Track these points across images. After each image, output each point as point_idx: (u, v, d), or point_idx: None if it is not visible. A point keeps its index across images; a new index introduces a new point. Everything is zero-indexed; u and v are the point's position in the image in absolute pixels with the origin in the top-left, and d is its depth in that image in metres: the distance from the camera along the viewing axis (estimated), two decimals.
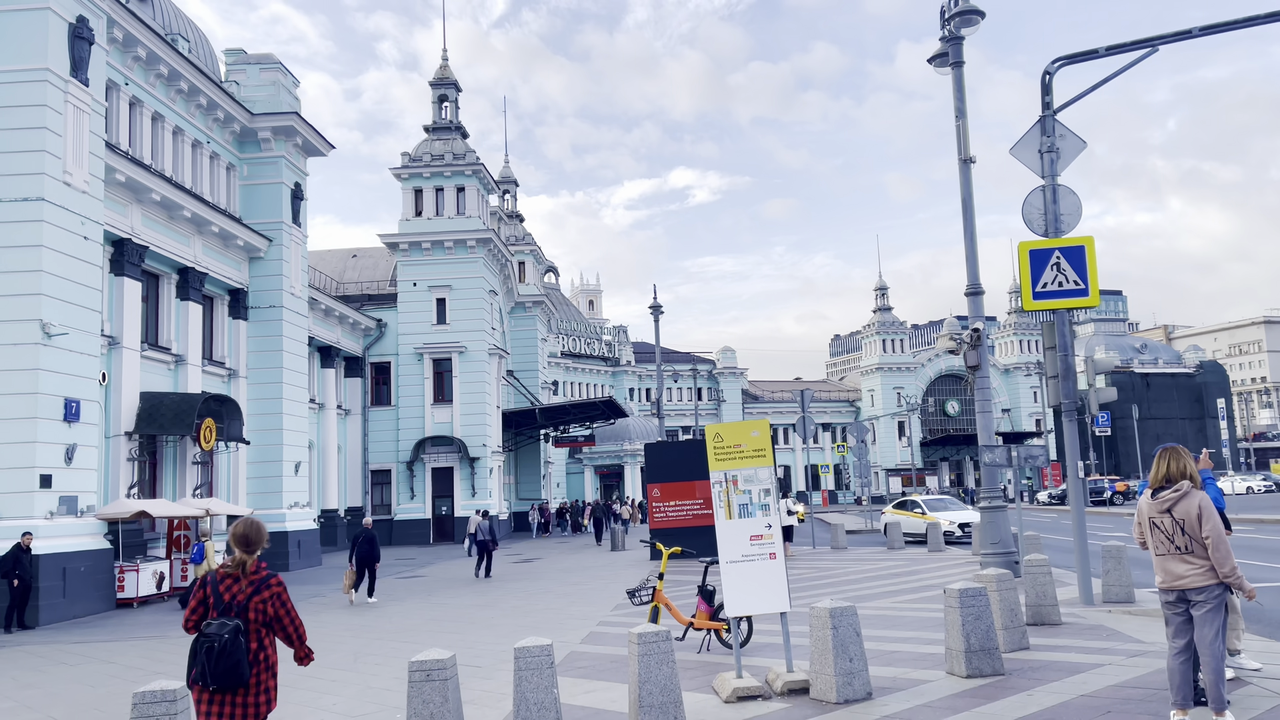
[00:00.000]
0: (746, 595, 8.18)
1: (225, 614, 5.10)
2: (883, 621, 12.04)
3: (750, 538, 8.24)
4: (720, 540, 8.29)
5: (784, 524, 26.24)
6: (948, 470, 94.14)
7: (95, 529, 20.59)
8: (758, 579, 8.17)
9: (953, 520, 26.99)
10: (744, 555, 8.21)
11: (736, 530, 8.27)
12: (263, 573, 5.25)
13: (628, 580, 20.81)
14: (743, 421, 8.46)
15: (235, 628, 5.00)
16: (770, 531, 8.24)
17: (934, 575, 18.18)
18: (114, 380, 23.70)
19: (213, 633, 4.98)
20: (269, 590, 5.17)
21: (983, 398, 16.76)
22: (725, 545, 8.26)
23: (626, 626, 13.09)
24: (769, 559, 8.19)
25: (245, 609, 5.11)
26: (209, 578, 5.26)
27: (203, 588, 5.21)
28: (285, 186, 31.49)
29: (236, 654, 4.95)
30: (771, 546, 8.22)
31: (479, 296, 45.29)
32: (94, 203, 21.08)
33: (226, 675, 4.93)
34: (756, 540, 8.24)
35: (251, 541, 5.29)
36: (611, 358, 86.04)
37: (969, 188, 17.08)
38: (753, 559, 8.20)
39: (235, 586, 5.16)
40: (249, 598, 5.13)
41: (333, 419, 40.83)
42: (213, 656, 4.93)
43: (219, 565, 5.35)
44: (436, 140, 46.86)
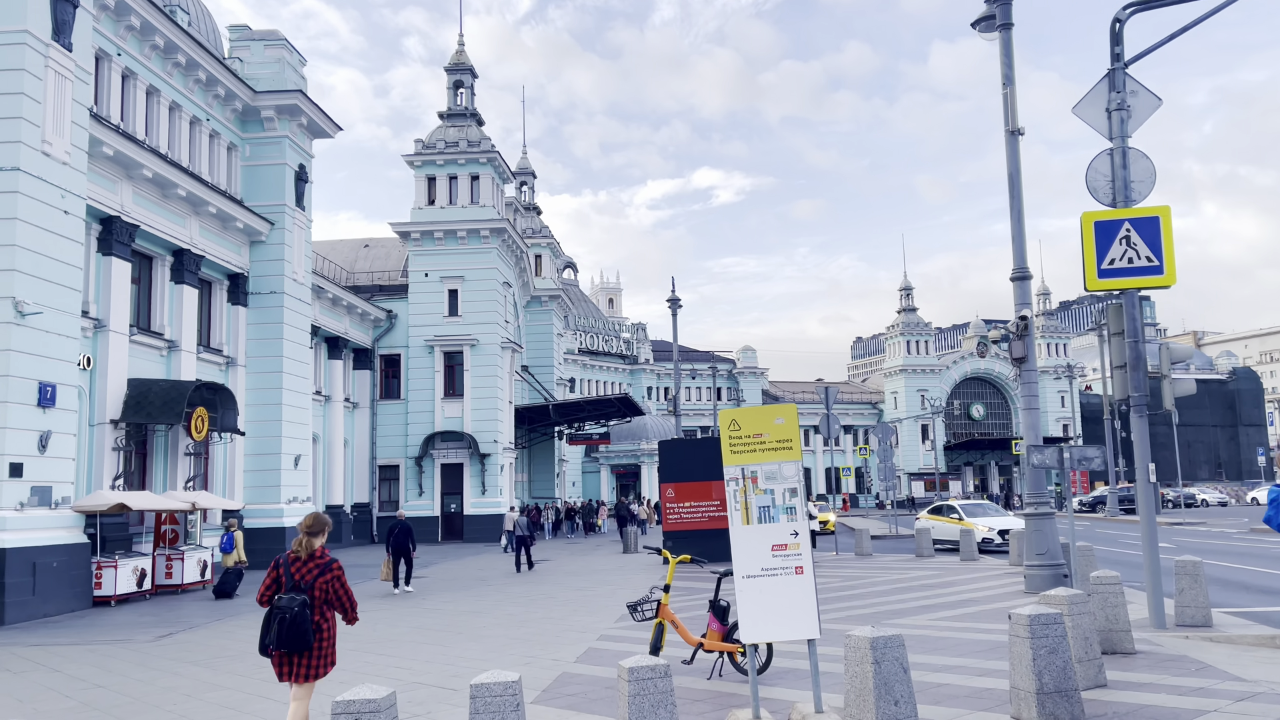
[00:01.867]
0: (766, 618, 6.70)
1: (293, 590, 6.14)
2: (922, 644, 10.51)
3: (772, 547, 6.76)
4: (736, 550, 6.81)
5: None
6: (972, 475, 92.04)
7: (71, 522, 19.33)
8: (781, 598, 6.68)
9: (991, 526, 25.34)
10: (764, 569, 6.73)
11: (755, 538, 6.78)
12: (326, 557, 6.35)
13: (638, 586, 19.35)
14: (765, 406, 6.96)
15: (303, 602, 6.09)
16: (796, 540, 6.75)
17: (972, 587, 16.59)
18: (99, 365, 22.47)
19: (284, 605, 6.07)
20: (331, 573, 6.31)
21: (1028, 393, 15.18)
22: (742, 556, 6.77)
23: (630, 642, 11.63)
24: (795, 574, 6.70)
25: (311, 587, 6.18)
26: (281, 559, 6.31)
27: (276, 568, 6.31)
28: (288, 168, 30.24)
29: (303, 624, 6.05)
30: (798, 558, 6.73)
31: (492, 288, 43.95)
32: (76, 175, 19.83)
33: (295, 641, 6.04)
34: (779, 551, 6.75)
35: (315, 530, 6.40)
36: (630, 356, 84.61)
37: (1016, 161, 15.52)
38: (774, 573, 6.72)
39: (303, 568, 6.25)
40: (315, 578, 6.22)
41: (339, 412, 39.60)
42: (284, 625, 6.03)
43: (289, 549, 6.37)
44: (451, 127, 45.57)
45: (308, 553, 6.34)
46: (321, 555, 6.36)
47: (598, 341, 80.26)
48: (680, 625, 9.19)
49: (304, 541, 6.36)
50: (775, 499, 6.77)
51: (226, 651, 12.77)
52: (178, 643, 14.03)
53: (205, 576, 22.83)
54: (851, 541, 32.93)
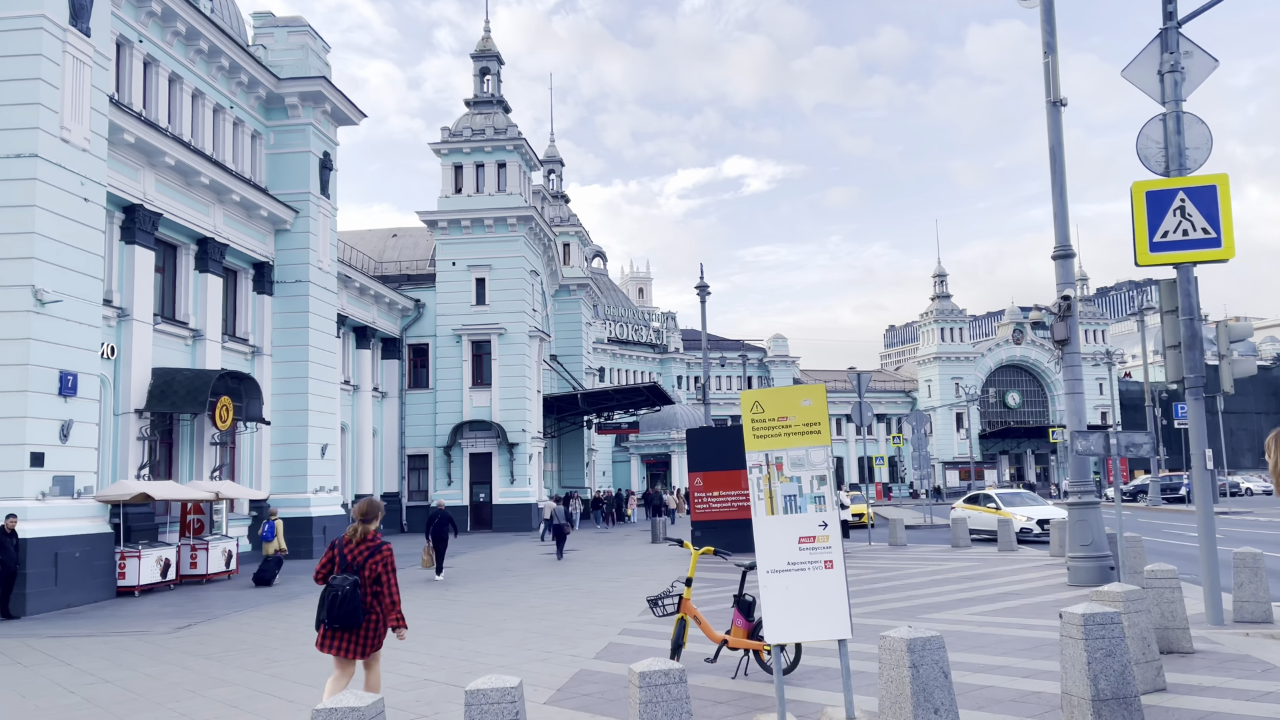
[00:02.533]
0: (793, 616, 6.18)
1: (346, 571, 6.52)
2: (961, 641, 9.93)
3: (799, 540, 6.23)
4: (759, 542, 6.29)
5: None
6: (1007, 464, 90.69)
7: (94, 511, 19.19)
8: (808, 595, 6.16)
9: (1030, 516, 24.55)
10: (790, 563, 6.21)
11: (780, 529, 6.26)
12: (377, 540, 6.70)
13: (664, 578, 18.88)
14: (791, 387, 6.43)
15: (354, 582, 6.45)
16: (825, 532, 6.22)
17: (1012, 579, 15.94)
18: (123, 354, 22.34)
19: (336, 584, 6.44)
20: (380, 555, 6.62)
21: (1071, 376, 14.49)
22: (766, 549, 6.26)
23: (652, 637, 11.16)
24: (824, 569, 6.18)
25: (362, 568, 6.54)
26: (337, 541, 6.71)
27: (332, 549, 6.70)
28: (313, 155, 29.99)
29: (354, 602, 6.38)
30: (827, 552, 6.21)
31: (520, 276, 43.60)
32: (95, 162, 19.63)
33: (346, 618, 6.39)
34: (807, 544, 6.22)
35: (369, 515, 6.78)
36: (659, 344, 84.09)
37: (1058, 134, 14.80)
38: (802, 568, 6.19)
39: (355, 550, 6.62)
40: (365, 559, 6.57)
41: (368, 401, 39.48)
42: (336, 603, 6.37)
43: (344, 533, 6.73)
44: (477, 114, 45.22)
45: (360, 536, 6.75)
46: (373, 538, 6.77)
47: (627, 330, 79.80)
48: (703, 621, 8.68)
49: (357, 526, 6.79)
50: (802, 487, 6.25)
51: (241, 644, 12.46)
52: (194, 634, 13.77)
53: (230, 566, 22.67)
54: (885, 531, 32.26)
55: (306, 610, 15.98)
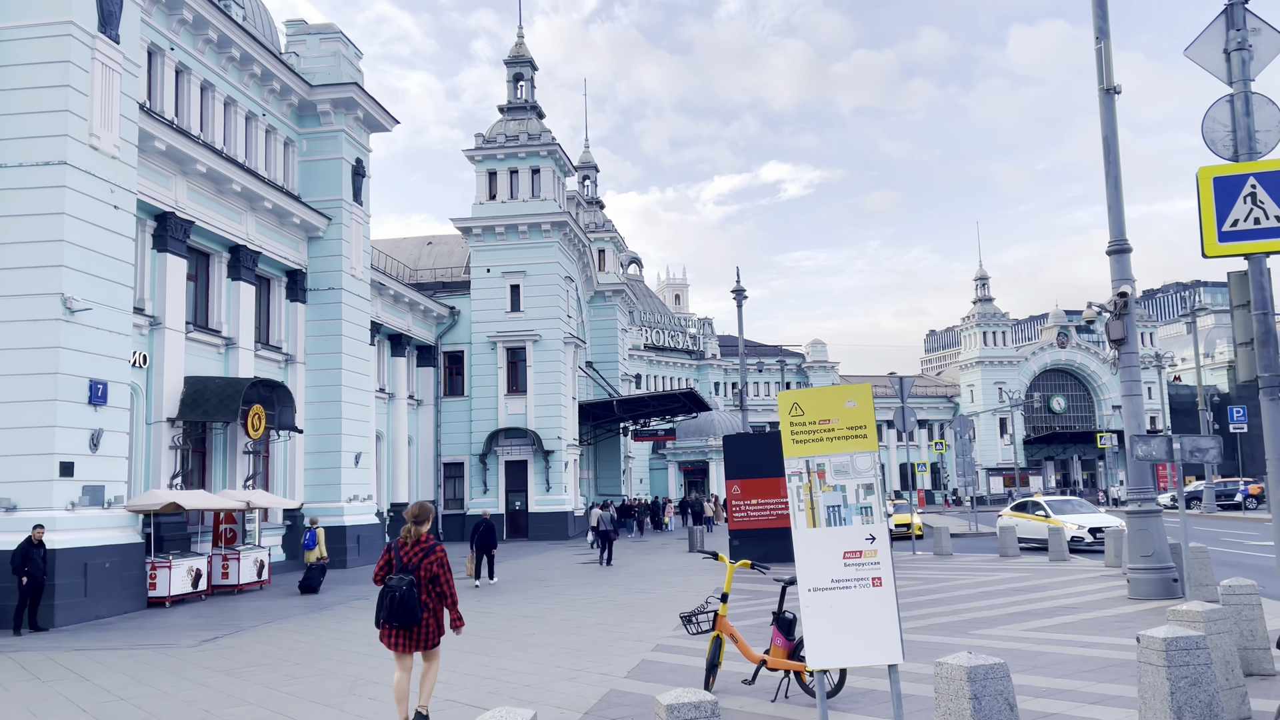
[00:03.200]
0: (837, 638, 5.62)
1: (402, 571, 6.89)
2: (1018, 661, 9.27)
3: (844, 555, 5.67)
4: (800, 558, 5.74)
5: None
6: (1053, 470, 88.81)
7: (124, 521, 19.03)
8: (854, 615, 5.59)
9: (1082, 524, 23.62)
10: (834, 580, 5.65)
11: (823, 544, 5.70)
12: (430, 542, 7.09)
13: (700, 589, 18.31)
14: (833, 387, 5.88)
15: (410, 581, 6.83)
16: (873, 546, 5.66)
17: (1067, 592, 15.17)
18: (155, 363, 22.25)
19: (394, 584, 6.85)
20: (434, 556, 7.04)
21: (1129, 377, 13.73)
22: (807, 565, 5.70)
23: (687, 653, 10.61)
24: (871, 586, 5.61)
25: (417, 569, 6.92)
26: (392, 544, 7.10)
27: (388, 552, 7.11)
28: (345, 162, 29.87)
29: (411, 601, 6.78)
30: (875, 568, 5.64)
31: (554, 282, 43.27)
32: (125, 169, 19.52)
33: (404, 616, 6.80)
34: (853, 559, 5.66)
35: (421, 518, 7.13)
36: (696, 351, 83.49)
37: (1112, 123, 14.07)
38: (847, 586, 5.63)
39: (410, 551, 7.00)
40: (420, 560, 6.96)
41: (403, 409, 39.30)
42: (394, 602, 6.79)
43: (399, 535, 7.09)
44: (511, 120, 45.02)
45: (414, 538, 7.15)
46: (426, 540, 7.19)
47: (663, 337, 79.31)
48: (740, 640, 8.13)
49: (411, 529, 7.16)
50: (847, 497, 5.69)
51: (264, 659, 12.10)
52: (219, 648, 13.45)
53: (262, 576, 22.46)
54: (929, 540, 31.38)
55: (334, 622, 15.64)
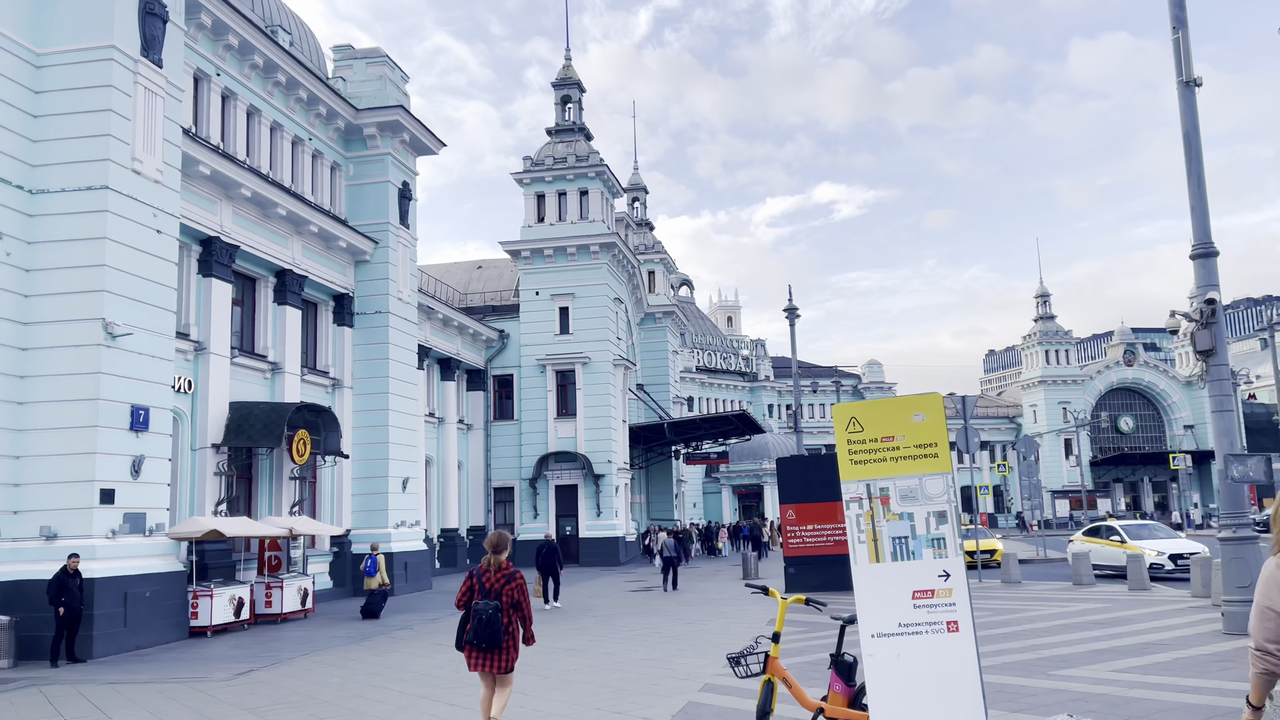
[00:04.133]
0: (906, 694, 4.80)
1: (486, 597, 7.55)
2: (1112, 709, 8.28)
3: (913, 594, 4.87)
4: (861, 598, 4.95)
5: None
6: (1122, 492, 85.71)
7: (166, 549, 18.73)
8: (926, 667, 4.78)
9: (1161, 551, 22.20)
10: (902, 624, 4.85)
11: (888, 581, 4.91)
12: (510, 568, 7.73)
13: (755, 619, 17.40)
14: (898, 398, 5.09)
15: (495, 606, 7.50)
16: (948, 585, 4.85)
17: (1153, 625, 14.00)
18: (200, 388, 22.08)
19: (480, 609, 7.50)
20: (514, 583, 7.68)
21: (1219, 391, 12.64)
22: (870, 606, 4.91)
23: (737, 694, 9.79)
24: (946, 633, 4.79)
25: (499, 594, 7.58)
26: (475, 571, 7.71)
27: (471, 578, 7.71)
28: (392, 185, 29.72)
29: (495, 624, 7.47)
30: (950, 610, 4.82)
31: (603, 304, 42.78)
32: (168, 194, 19.39)
33: (489, 639, 7.49)
34: (924, 599, 4.85)
35: (499, 547, 7.79)
36: (749, 373, 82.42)
37: (1193, 116, 13.07)
38: (918, 631, 4.83)
39: (493, 578, 7.65)
40: (502, 586, 7.63)
41: (453, 434, 39.00)
42: (480, 625, 7.46)
43: (480, 563, 7.74)
44: (559, 143, 44.82)
45: (496, 565, 7.74)
46: (507, 567, 7.77)
47: (715, 359, 78.43)
48: (795, 685, 7.30)
49: (491, 558, 7.75)
50: (916, 527, 4.89)
51: (292, 696, 11.53)
52: (251, 681, 12.94)
53: (306, 605, 22.04)
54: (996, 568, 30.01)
55: (372, 655, 15.07)
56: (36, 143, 17.82)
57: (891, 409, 5.04)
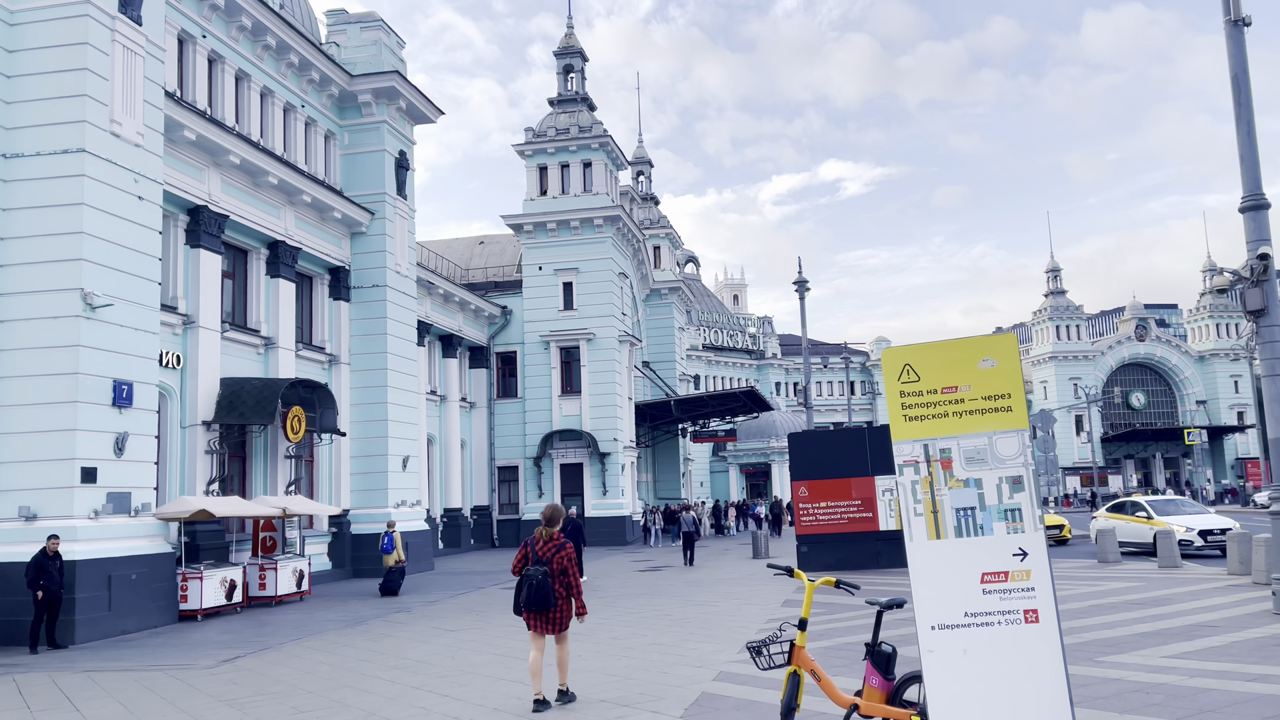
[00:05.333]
0: (976, 696, 3.94)
1: (538, 564, 8.37)
2: (1178, 702, 7.42)
3: (982, 577, 4.00)
4: (918, 581, 4.08)
5: None
6: (1133, 468, 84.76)
7: (152, 530, 17.95)
8: (1000, 665, 3.92)
9: (1190, 527, 21.33)
10: (969, 614, 3.98)
11: (952, 561, 4.04)
12: (560, 539, 8.52)
13: (767, 600, 16.60)
14: (962, 340, 4.20)
15: (545, 572, 8.32)
16: (1025, 565, 3.98)
17: (1196, 605, 13.14)
18: (190, 364, 21.25)
19: (530, 575, 8.33)
20: (563, 552, 8.45)
21: (1271, 354, 11.73)
22: (930, 592, 4.04)
23: (759, 684, 8.96)
24: (1024, 623, 3.92)
25: (550, 561, 8.40)
26: (528, 541, 8.60)
27: (524, 547, 8.56)
28: (388, 154, 28.75)
29: (546, 588, 8.28)
30: (1029, 597, 3.97)
31: (608, 279, 41.82)
32: (150, 158, 18.48)
33: (540, 601, 8.29)
34: (995, 583, 3.99)
35: (553, 520, 8.58)
36: (756, 350, 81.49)
37: (1242, 58, 12.09)
38: (989, 621, 3.97)
39: (544, 547, 8.47)
40: (552, 555, 8.43)
41: (455, 412, 38.20)
42: (532, 589, 8.30)
43: (533, 534, 8.63)
44: (561, 113, 43.74)
45: (547, 536, 8.45)
46: (558, 538, 8.45)
47: (722, 336, 77.49)
48: (825, 678, 6.45)
49: (543, 529, 8.49)
50: (985, 495, 4.01)
51: (276, 685, 10.74)
52: (236, 669, 12.17)
53: (302, 587, 21.30)
54: None
55: (366, 640, 14.30)
56: (10, 104, 16.96)
57: (955, 353, 4.16)
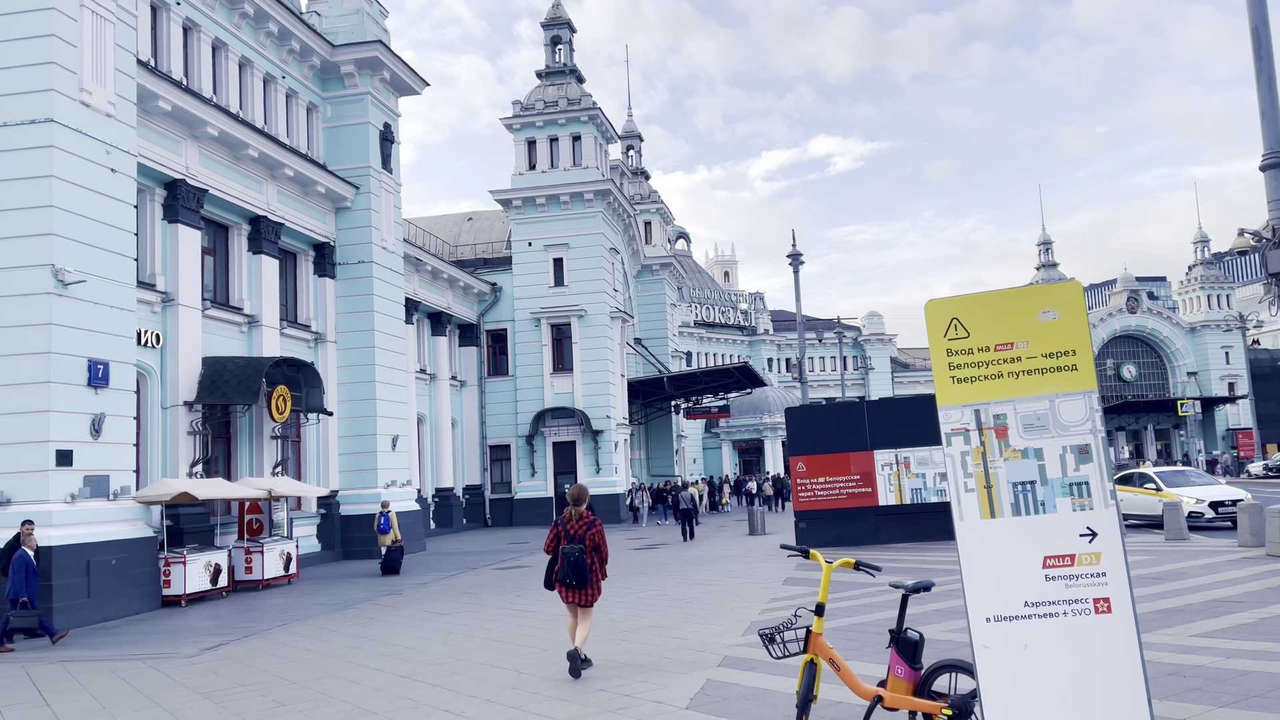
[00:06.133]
0: (1037, 704, 3.43)
1: (571, 541, 8.95)
2: (1220, 685, 6.97)
3: (1044, 561, 3.48)
4: (970, 566, 3.56)
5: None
6: (1124, 440, 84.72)
7: (133, 514, 17.39)
8: (1068, 663, 3.40)
9: (1200, 498, 20.94)
10: (1030, 604, 3.48)
11: (1009, 543, 3.53)
12: (590, 517, 9.11)
13: (768, 578, 16.16)
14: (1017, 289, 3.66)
15: (580, 549, 8.87)
16: (1094, 547, 3.47)
17: (1212, 579, 12.73)
18: (170, 343, 20.61)
19: (568, 552, 8.88)
20: (595, 528, 9.05)
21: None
22: (983, 579, 3.53)
23: (768, 671, 8.49)
24: (1094, 613, 3.41)
25: (583, 539, 8.96)
26: (559, 520, 9.15)
27: (557, 526, 9.12)
28: (372, 127, 28.00)
29: (582, 565, 8.84)
30: (1100, 584, 3.47)
31: (599, 255, 41.18)
32: (123, 129, 17.77)
33: (578, 577, 8.85)
34: (1060, 568, 3.48)
35: (580, 499, 9.15)
36: (748, 326, 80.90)
37: (1262, 9, 11.56)
38: (1054, 613, 3.47)
39: (576, 525, 9.02)
40: (584, 532, 8.99)
41: (445, 390, 37.65)
42: (569, 565, 8.84)
43: (564, 513, 9.17)
44: (549, 85, 42.91)
45: (577, 515, 8.96)
46: (587, 515, 9.01)
47: (714, 313, 76.86)
48: (845, 668, 5.95)
49: (572, 509, 8.99)
50: (1047, 467, 3.49)
51: (258, 675, 10.24)
52: (217, 658, 11.66)
53: (289, 571, 20.78)
54: None
55: (354, 625, 13.80)
56: None
57: (1010, 304, 3.63)
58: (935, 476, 21.73)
